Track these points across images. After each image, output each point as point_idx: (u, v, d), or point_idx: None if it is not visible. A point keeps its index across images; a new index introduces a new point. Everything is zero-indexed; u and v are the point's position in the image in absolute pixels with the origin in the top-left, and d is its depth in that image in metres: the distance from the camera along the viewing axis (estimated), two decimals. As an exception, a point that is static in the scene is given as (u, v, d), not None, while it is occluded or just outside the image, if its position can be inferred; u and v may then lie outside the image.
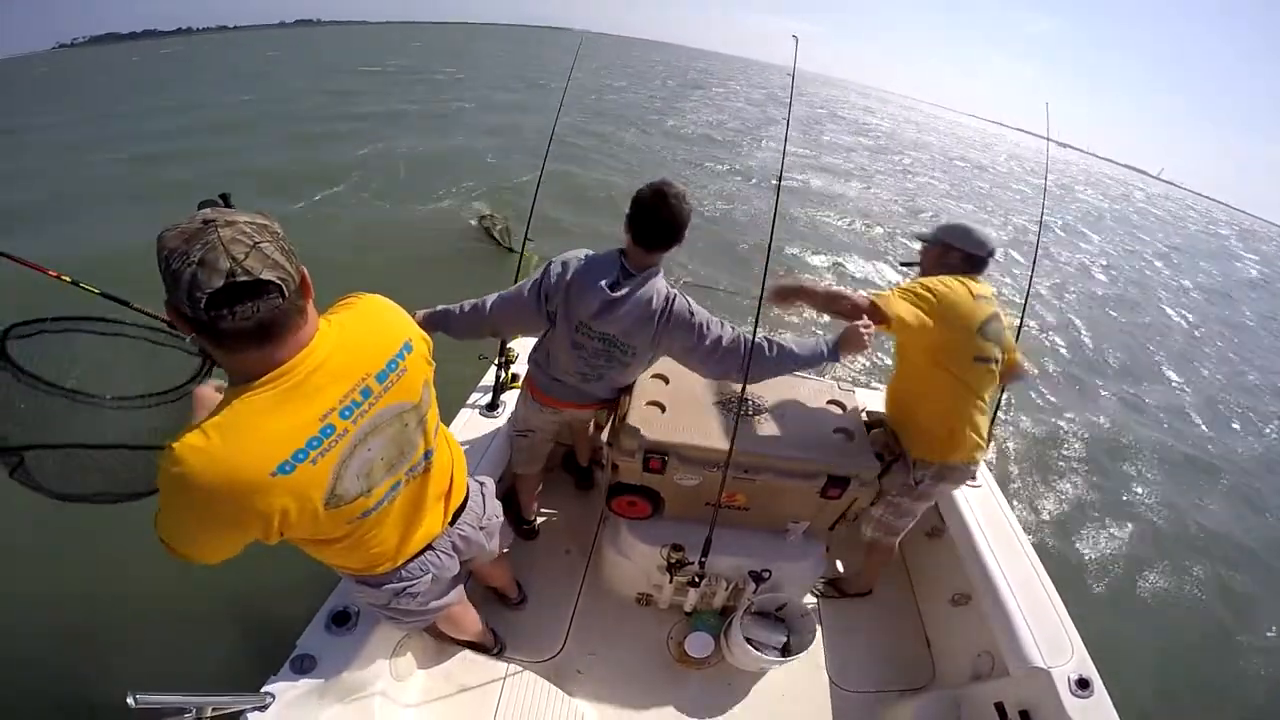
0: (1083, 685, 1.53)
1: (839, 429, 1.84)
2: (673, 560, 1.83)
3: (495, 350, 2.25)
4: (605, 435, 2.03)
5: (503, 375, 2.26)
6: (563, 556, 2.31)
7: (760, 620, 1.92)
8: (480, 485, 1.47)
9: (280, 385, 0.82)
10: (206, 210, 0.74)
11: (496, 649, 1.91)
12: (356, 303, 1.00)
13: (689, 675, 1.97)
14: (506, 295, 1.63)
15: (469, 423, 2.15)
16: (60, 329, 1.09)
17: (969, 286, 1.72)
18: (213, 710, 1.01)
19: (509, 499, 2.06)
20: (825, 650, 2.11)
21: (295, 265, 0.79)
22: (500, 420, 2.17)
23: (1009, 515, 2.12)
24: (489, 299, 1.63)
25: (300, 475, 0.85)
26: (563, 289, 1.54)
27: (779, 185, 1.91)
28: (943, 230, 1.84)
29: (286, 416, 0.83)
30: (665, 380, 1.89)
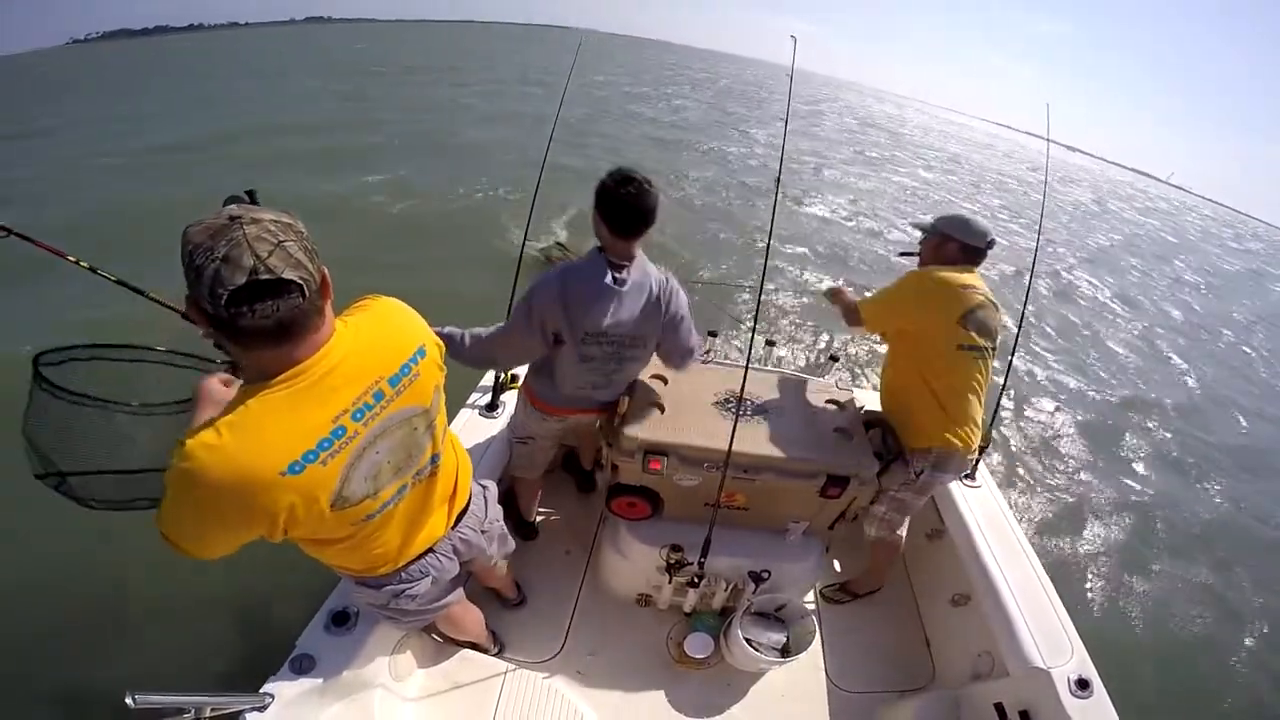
0: (1082, 685, 1.52)
1: (838, 428, 1.84)
2: (672, 561, 1.83)
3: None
4: (604, 436, 2.03)
5: (502, 376, 2.26)
6: (563, 557, 2.31)
7: (760, 621, 1.92)
8: (483, 489, 1.47)
9: (295, 385, 0.82)
10: (232, 206, 0.74)
11: (496, 649, 1.91)
12: (372, 305, 1.00)
13: (688, 676, 1.97)
14: (505, 338, 1.60)
15: (468, 423, 2.14)
16: (88, 356, 1.11)
17: (956, 277, 1.73)
18: (212, 710, 1.01)
19: (508, 500, 2.06)
20: (825, 651, 2.11)
21: (317, 265, 0.80)
22: (500, 421, 2.16)
23: (1008, 516, 2.12)
24: (493, 338, 1.61)
25: (309, 476, 0.85)
26: (560, 309, 1.49)
27: (778, 185, 1.90)
28: (941, 221, 1.85)
29: (299, 417, 0.83)
30: (665, 380, 1.90)
